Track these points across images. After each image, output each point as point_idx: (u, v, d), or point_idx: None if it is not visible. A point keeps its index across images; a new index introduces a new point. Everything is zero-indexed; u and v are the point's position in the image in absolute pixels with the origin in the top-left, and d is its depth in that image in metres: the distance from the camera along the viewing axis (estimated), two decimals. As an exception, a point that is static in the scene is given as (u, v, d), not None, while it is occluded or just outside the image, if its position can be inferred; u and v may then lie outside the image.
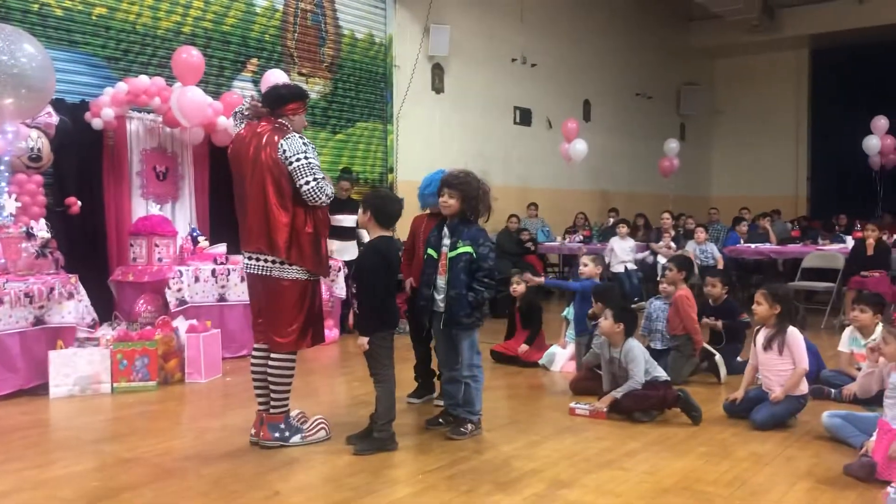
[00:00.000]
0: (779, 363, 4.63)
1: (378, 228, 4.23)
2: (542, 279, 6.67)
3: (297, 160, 4.04)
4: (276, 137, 4.09)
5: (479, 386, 4.50)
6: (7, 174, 5.76)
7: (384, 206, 4.27)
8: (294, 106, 4.25)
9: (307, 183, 4.03)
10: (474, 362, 4.47)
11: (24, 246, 5.60)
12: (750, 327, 6.34)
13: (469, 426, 4.42)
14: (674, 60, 16.88)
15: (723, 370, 5.86)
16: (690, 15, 16.91)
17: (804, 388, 4.67)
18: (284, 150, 4.05)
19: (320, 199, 4.08)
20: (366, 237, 4.87)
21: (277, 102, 4.24)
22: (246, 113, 4.32)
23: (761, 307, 4.73)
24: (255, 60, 8.67)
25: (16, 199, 5.72)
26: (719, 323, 6.18)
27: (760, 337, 4.75)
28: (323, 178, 4.11)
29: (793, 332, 4.64)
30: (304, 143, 4.12)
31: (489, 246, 4.42)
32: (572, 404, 4.96)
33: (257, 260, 4.12)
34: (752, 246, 10.20)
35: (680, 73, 17.16)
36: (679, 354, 5.84)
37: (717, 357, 5.90)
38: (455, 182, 4.45)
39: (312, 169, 4.06)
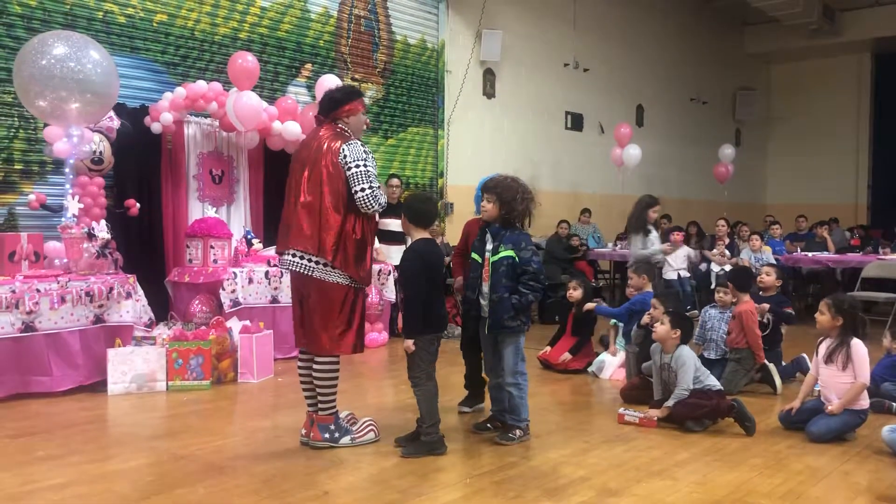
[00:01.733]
0: (840, 376, 4.51)
1: (417, 230, 4.26)
2: (593, 305, 6.56)
3: (357, 166, 4.09)
4: (337, 143, 4.14)
5: (523, 394, 4.46)
6: (71, 176, 5.95)
7: (417, 207, 4.31)
8: (349, 107, 4.29)
9: (362, 190, 4.07)
10: (518, 369, 4.44)
11: (85, 246, 5.77)
12: (794, 321, 6.53)
13: (517, 432, 4.40)
14: (729, 65, 16.60)
15: (778, 380, 5.73)
16: (746, 19, 16.60)
17: (865, 403, 4.53)
18: (346, 156, 4.10)
19: (373, 206, 4.12)
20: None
21: (332, 106, 4.29)
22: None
23: (824, 317, 4.61)
24: (309, 66, 8.79)
25: (78, 201, 5.90)
26: (765, 306, 6.09)
27: (822, 348, 4.63)
28: (378, 186, 4.15)
29: (856, 345, 4.51)
30: (365, 151, 4.17)
31: (532, 249, 4.38)
32: (621, 410, 4.90)
33: (301, 258, 4.13)
34: (810, 255, 9.96)
35: (735, 78, 16.86)
36: (738, 367, 5.72)
37: (772, 367, 5.78)
38: (493, 186, 4.47)
39: (369, 177, 4.10)
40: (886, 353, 5.65)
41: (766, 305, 6.13)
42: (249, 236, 7.17)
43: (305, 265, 4.13)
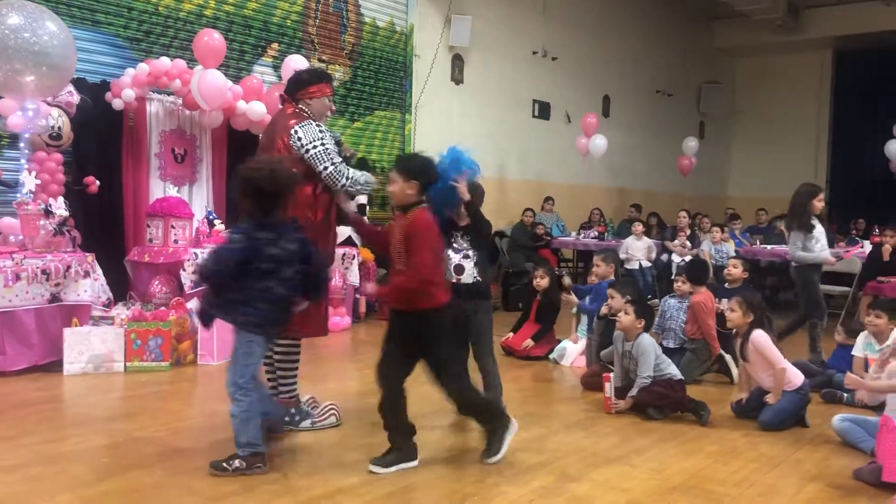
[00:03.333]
0: (763, 368, 4.67)
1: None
2: (575, 301, 6.57)
3: (314, 147, 4.03)
4: (291, 122, 4.09)
5: (246, 414, 3.55)
6: (28, 151, 5.81)
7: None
8: (314, 89, 4.24)
9: (325, 168, 4.03)
10: (238, 379, 3.55)
11: (42, 223, 5.64)
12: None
13: (235, 461, 3.53)
14: (696, 58, 16.75)
15: (734, 370, 5.84)
16: (714, 14, 16.77)
17: (797, 381, 4.63)
18: (300, 138, 4.04)
19: (340, 181, 4.07)
20: None
21: (297, 87, 4.24)
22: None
23: (735, 314, 4.78)
24: (275, 45, 8.67)
25: (35, 177, 5.76)
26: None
27: (738, 346, 4.79)
28: (341, 162, 4.10)
29: (756, 337, 4.65)
30: (321, 131, 4.10)
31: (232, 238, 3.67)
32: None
33: None
34: (768, 247, 10.14)
35: (701, 72, 17.03)
36: (693, 357, 5.81)
37: (728, 357, 5.88)
38: None
39: (329, 154, 4.05)
40: (839, 346, 5.79)
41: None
42: (211, 217, 7.08)
43: None
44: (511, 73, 12.00)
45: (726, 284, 6.44)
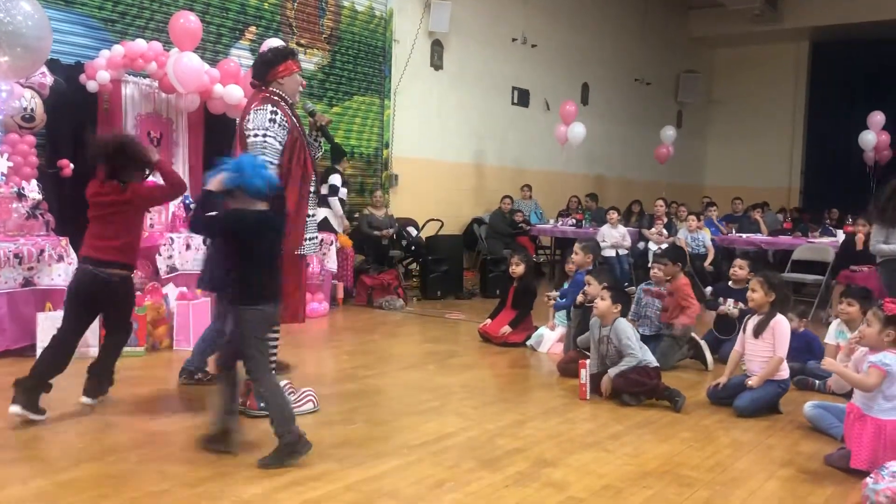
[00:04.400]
0: (764, 350, 4.68)
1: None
2: (552, 301, 6.59)
3: (255, 136, 3.99)
4: (252, 106, 4.05)
5: None
6: (0, 133, 5.71)
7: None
8: (283, 68, 4.19)
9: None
10: None
11: (14, 206, 5.57)
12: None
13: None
14: (674, 47, 16.83)
15: (709, 357, 5.91)
16: (691, 3, 16.83)
17: (784, 373, 4.71)
18: (249, 120, 4.00)
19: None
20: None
21: (265, 70, 4.19)
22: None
23: (757, 294, 4.78)
24: (253, 29, 8.59)
25: (7, 159, 5.67)
26: (737, 311, 6.07)
27: (751, 324, 4.79)
28: (273, 161, 3.99)
29: (779, 320, 4.69)
30: (270, 121, 4.01)
31: None
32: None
33: None
34: (744, 236, 10.25)
35: (680, 61, 17.11)
36: (673, 342, 5.86)
37: (703, 344, 5.95)
38: None
39: (264, 148, 3.97)
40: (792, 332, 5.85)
41: (738, 310, 6.05)
42: (188, 201, 7.00)
43: None
44: (490, 59, 11.97)
45: (731, 284, 6.41)
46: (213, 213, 3.55)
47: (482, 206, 11.60)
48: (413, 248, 9.65)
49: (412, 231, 9.79)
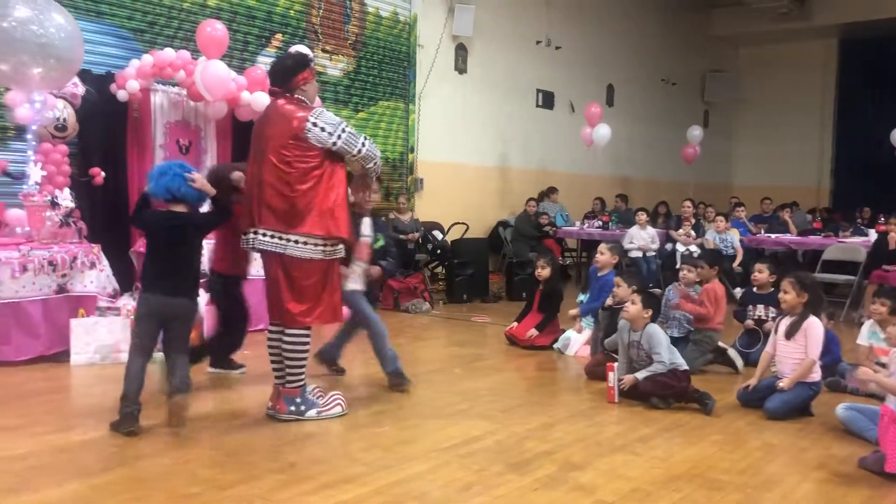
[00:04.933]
0: (796, 352, 4.63)
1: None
2: (576, 312, 6.57)
3: (343, 131, 4.11)
4: (300, 114, 4.08)
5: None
6: (33, 143, 5.82)
7: None
8: (305, 75, 4.24)
9: (363, 146, 4.18)
10: None
11: (48, 215, 5.67)
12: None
13: None
14: (700, 47, 16.70)
15: (739, 361, 5.84)
16: (714, 2, 16.69)
17: (816, 375, 4.65)
18: (322, 128, 4.05)
19: (377, 153, 4.29)
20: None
21: (287, 76, 4.22)
22: None
23: (789, 295, 4.73)
24: (279, 36, 8.67)
25: (41, 168, 5.79)
26: (768, 323, 5.90)
27: (783, 325, 4.74)
28: (366, 137, 4.26)
29: (812, 322, 4.63)
30: (333, 115, 4.20)
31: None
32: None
33: (272, 237, 4.09)
34: (773, 236, 10.14)
35: (706, 60, 16.98)
36: (696, 348, 5.82)
37: (730, 351, 5.88)
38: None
39: (357, 134, 4.19)
40: None
41: (767, 324, 5.91)
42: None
43: (276, 243, 4.08)
44: (514, 62, 11.97)
45: (755, 289, 6.33)
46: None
47: (507, 209, 11.59)
48: (438, 251, 9.68)
49: (437, 235, 9.82)
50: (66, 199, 5.78)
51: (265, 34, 8.55)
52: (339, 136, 4.08)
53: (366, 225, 5.02)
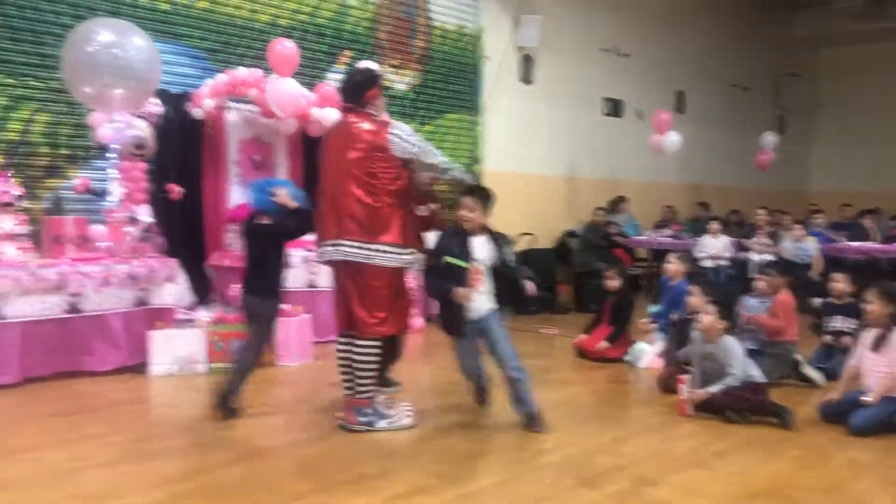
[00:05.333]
0: (883, 365, 4.44)
1: None
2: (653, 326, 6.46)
3: (421, 141, 4.27)
4: (376, 128, 4.17)
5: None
6: (115, 161, 6.06)
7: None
8: (375, 91, 4.34)
9: (438, 157, 4.37)
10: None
11: (128, 230, 5.88)
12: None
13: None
14: (773, 50, 16.25)
15: (816, 375, 5.61)
16: (794, 3, 16.23)
17: None
18: (403, 138, 4.19)
19: (452, 169, 4.54)
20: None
21: (360, 90, 4.30)
22: None
23: (874, 306, 4.55)
24: (347, 52, 8.81)
25: (122, 186, 6.01)
26: (843, 339, 5.70)
27: (869, 337, 4.56)
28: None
29: None
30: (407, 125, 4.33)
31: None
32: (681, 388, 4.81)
33: (350, 247, 4.15)
34: (854, 244, 9.76)
35: (780, 64, 16.51)
36: (773, 360, 5.61)
37: (805, 366, 5.66)
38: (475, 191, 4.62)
39: (429, 144, 4.33)
40: None
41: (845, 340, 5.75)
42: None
43: (362, 254, 4.14)
44: (581, 71, 11.88)
45: (831, 300, 6.12)
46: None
47: (574, 218, 11.48)
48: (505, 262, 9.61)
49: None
50: (145, 214, 5.98)
51: (334, 51, 8.70)
52: (419, 142, 4.23)
53: (479, 247, 4.47)
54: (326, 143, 4.39)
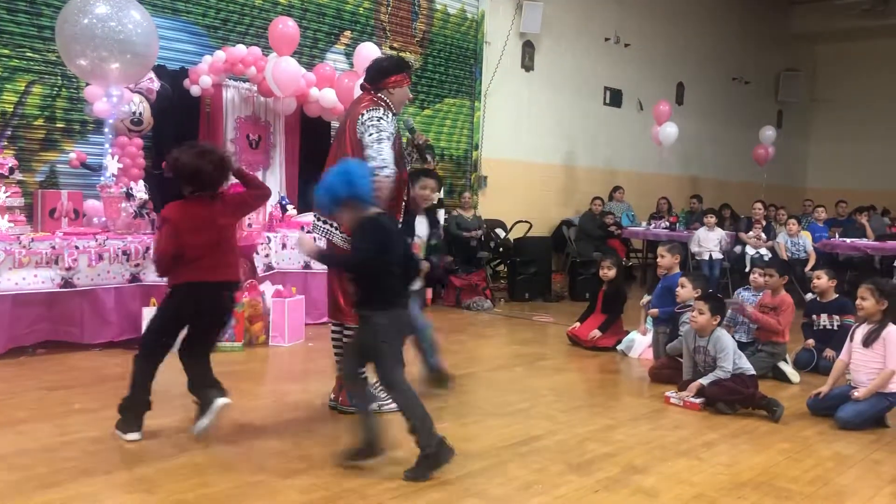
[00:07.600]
0: (874, 361, 4.46)
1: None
2: (656, 312, 6.40)
3: (378, 141, 3.97)
4: (360, 109, 4.12)
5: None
6: (110, 136, 6.02)
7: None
8: (396, 78, 4.24)
9: (381, 162, 3.93)
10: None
11: (123, 206, 5.86)
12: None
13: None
14: (774, 45, 16.23)
15: (795, 378, 5.60)
16: (795, -1, 16.19)
17: (894, 387, 4.47)
18: (363, 123, 4.02)
19: (384, 174, 3.90)
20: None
21: (380, 76, 4.25)
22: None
23: (867, 302, 4.55)
24: (348, 33, 8.76)
25: (117, 161, 5.98)
26: (828, 353, 5.69)
27: (860, 333, 4.58)
28: (384, 159, 3.95)
29: (892, 330, 4.45)
30: (379, 119, 4.02)
31: None
32: (668, 393, 4.84)
33: (324, 223, 4.16)
34: (848, 241, 9.79)
35: (780, 59, 16.49)
36: (764, 357, 5.62)
37: (785, 366, 5.67)
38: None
39: (382, 151, 3.95)
40: None
41: (828, 352, 5.74)
42: (284, 202, 7.21)
43: (326, 229, 4.14)
44: (582, 59, 11.85)
45: (817, 298, 6.12)
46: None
47: (572, 207, 11.48)
48: (501, 249, 9.63)
49: (500, 232, 9.77)
50: (140, 190, 5.95)
51: (334, 31, 8.65)
52: (371, 140, 3.96)
53: (420, 224, 4.76)
54: (341, 121, 4.41)
